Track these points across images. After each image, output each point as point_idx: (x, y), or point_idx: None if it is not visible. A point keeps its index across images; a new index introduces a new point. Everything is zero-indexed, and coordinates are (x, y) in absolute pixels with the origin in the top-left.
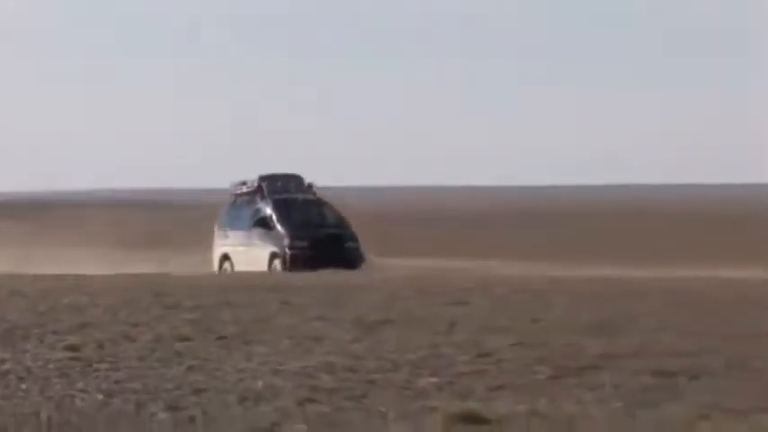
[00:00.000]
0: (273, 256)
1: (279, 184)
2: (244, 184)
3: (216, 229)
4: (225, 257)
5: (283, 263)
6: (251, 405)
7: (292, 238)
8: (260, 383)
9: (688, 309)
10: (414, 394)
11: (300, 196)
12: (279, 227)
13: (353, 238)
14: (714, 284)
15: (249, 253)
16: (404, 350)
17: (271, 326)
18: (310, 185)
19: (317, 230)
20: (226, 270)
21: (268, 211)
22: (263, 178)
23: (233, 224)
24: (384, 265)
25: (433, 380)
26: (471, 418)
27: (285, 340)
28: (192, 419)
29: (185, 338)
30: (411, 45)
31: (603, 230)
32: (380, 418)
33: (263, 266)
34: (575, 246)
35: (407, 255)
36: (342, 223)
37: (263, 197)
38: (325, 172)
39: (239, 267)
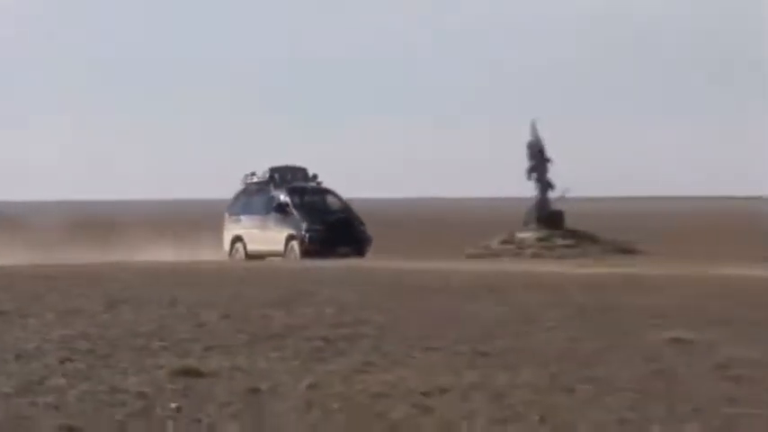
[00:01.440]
0: (291, 237)
1: (288, 175)
2: (253, 175)
3: (227, 215)
4: (237, 239)
5: (301, 243)
6: (25, 363)
7: (309, 221)
8: (31, 346)
9: (358, 289)
10: (147, 354)
11: (311, 185)
12: (295, 212)
13: (361, 222)
14: (389, 270)
15: (264, 235)
16: (140, 322)
17: (41, 303)
18: (315, 176)
19: (328, 215)
20: (237, 250)
21: (283, 198)
22: (273, 170)
23: (246, 210)
24: None
25: (162, 343)
26: (190, 372)
27: (51, 314)
28: None
29: None
30: None
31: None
32: (122, 372)
33: (280, 247)
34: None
35: None
36: (349, 209)
37: (276, 186)
38: None
39: (253, 247)
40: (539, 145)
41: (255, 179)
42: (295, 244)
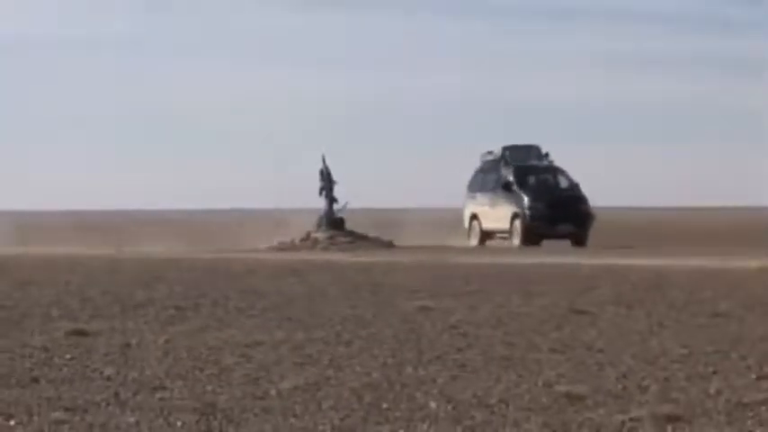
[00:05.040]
0: (515, 216)
1: (520, 153)
2: (490, 153)
3: (466, 191)
4: (473, 217)
5: (523, 221)
6: None
7: (531, 199)
8: None
9: (198, 273)
10: (50, 320)
11: (539, 163)
12: (519, 190)
13: (585, 201)
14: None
15: (494, 213)
16: (43, 297)
17: None
18: (547, 154)
19: (552, 193)
20: (473, 228)
21: (510, 177)
22: (506, 148)
23: (480, 187)
24: None
25: (59, 312)
26: (80, 332)
27: None
28: None
29: None
30: None
31: None
32: (30, 332)
33: (506, 225)
34: None
35: None
36: (575, 187)
37: (506, 164)
38: None
39: (485, 225)
40: (327, 171)
41: (491, 157)
42: (518, 223)
